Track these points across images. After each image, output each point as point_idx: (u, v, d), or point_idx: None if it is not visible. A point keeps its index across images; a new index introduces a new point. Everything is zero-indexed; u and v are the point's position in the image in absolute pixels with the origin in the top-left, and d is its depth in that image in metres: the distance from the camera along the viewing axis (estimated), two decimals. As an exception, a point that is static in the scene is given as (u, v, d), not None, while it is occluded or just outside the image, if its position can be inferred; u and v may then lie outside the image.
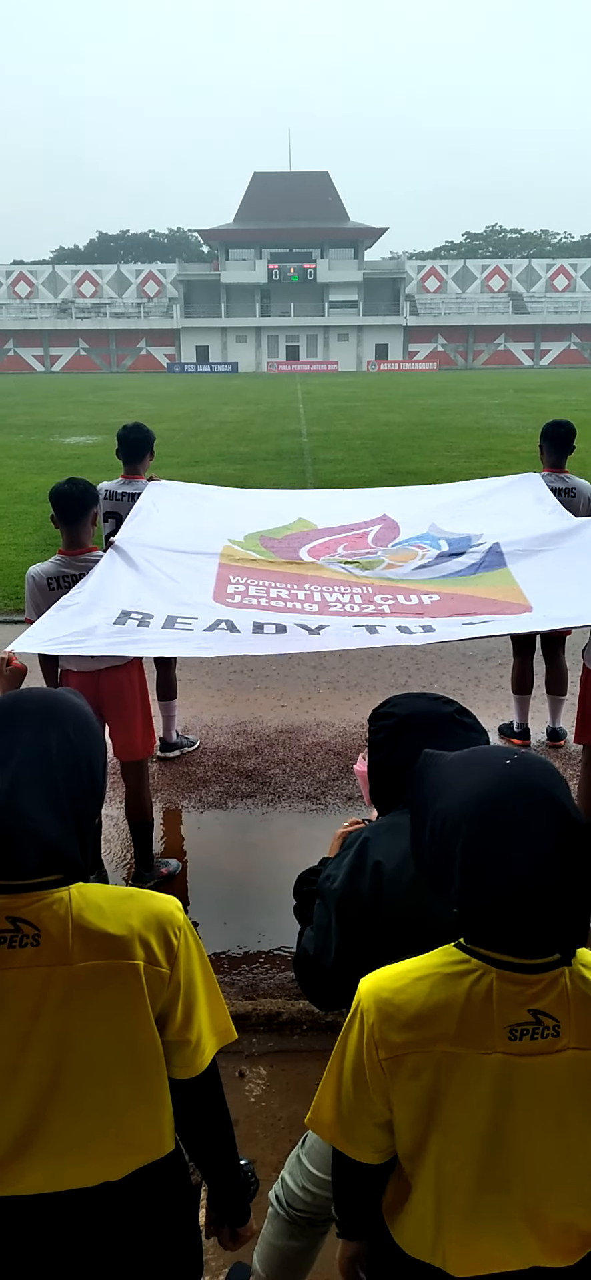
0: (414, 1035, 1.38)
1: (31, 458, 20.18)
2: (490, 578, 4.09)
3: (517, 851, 1.32)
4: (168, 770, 5.59)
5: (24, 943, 1.44)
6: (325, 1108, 1.52)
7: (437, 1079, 1.37)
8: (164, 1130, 1.55)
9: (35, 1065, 1.44)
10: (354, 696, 6.63)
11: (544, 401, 34.18)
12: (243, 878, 4.51)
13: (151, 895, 1.55)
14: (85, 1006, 1.44)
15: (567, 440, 5.58)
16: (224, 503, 5.50)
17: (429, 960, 1.44)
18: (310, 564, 4.34)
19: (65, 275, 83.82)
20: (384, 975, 1.45)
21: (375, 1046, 1.40)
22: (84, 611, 3.41)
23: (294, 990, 3.73)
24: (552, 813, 1.35)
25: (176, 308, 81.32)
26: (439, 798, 1.43)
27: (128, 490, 5.28)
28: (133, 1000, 1.46)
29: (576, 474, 5.68)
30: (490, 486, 5.47)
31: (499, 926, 1.36)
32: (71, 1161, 1.47)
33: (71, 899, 1.47)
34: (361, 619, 3.66)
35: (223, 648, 3.35)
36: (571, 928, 1.36)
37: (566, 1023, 1.36)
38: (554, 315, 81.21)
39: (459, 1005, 1.37)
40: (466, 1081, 1.37)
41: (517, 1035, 1.35)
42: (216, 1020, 1.59)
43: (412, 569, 4.26)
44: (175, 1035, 1.53)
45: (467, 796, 1.38)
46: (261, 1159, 2.88)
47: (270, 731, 6.09)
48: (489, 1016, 1.36)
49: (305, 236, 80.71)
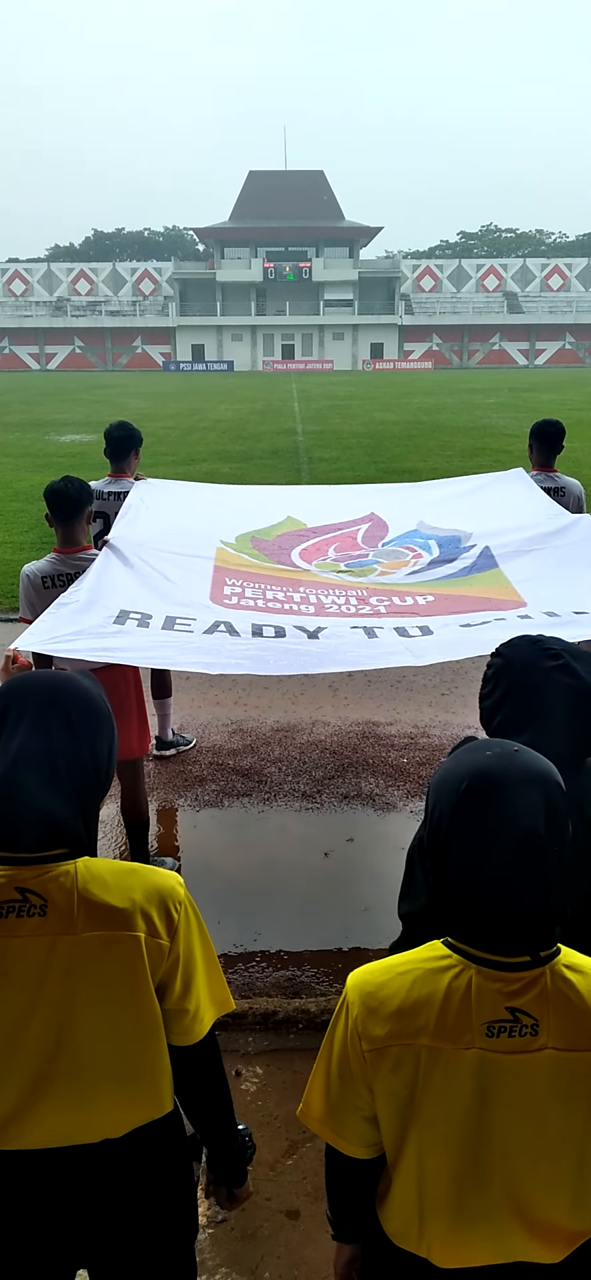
0: (395, 1028, 1.40)
1: (27, 456, 20.14)
2: (482, 578, 4.11)
3: (503, 825, 1.35)
4: (164, 769, 5.58)
5: (31, 912, 1.50)
6: (315, 1101, 1.55)
7: (417, 1073, 1.39)
8: (163, 1090, 1.62)
9: (40, 1028, 1.51)
10: (350, 695, 6.63)
11: (538, 401, 34.22)
12: (238, 876, 4.51)
13: (154, 870, 1.62)
14: (88, 974, 1.51)
15: (557, 439, 5.57)
16: (212, 500, 5.50)
17: (414, 955, 1.46)
18: (303, 570, 4.35)
19: (60, 273, 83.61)
20: (370, 969, 1.48)
21: (359, 1038, 1.43)
22: (83, 610, 3.39)
23: (289, 989, 3.73)
24: (542, 795, 1.37)
25: (172, 306, 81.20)
26: (438, 786, 1.47)
27: (114, 489, 5.28)
28: (134, 970, 1.53)
29: (572, 473, 5.69)
30: (477, 483, 5.49)
31: (480, 913, 1.37)
32: (75, 1117, 1.54)
33: (77, 872, 1.53)
34: (359, 619, 3.65)
35: (223, 664, 3.25)
36: (547, 924, 1.37)
37: (545, 1022, 1.36)
38: (548, 315, 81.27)
39: (438, 1000, 1.39)
40: (446, 1076, 1.38)
41: (495, 1032, 1.36)
42: (215, 991, 1.65)
43: (406, 575, 4.26)
44: (174, 1004, 1.59)
45: (461, 770, 1.43)
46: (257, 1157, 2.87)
47: (266, 730, 6.09)
48: (467, 1012, 1.37)
49: (300, 235, 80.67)
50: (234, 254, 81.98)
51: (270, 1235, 2.68)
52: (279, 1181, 2.86)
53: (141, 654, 3.37)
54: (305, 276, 79.91)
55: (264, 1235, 2.68)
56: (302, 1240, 2.67)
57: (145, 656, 3.44)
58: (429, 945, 1.46)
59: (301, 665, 3.38)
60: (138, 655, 3.39)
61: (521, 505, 4.84)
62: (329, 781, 5.36)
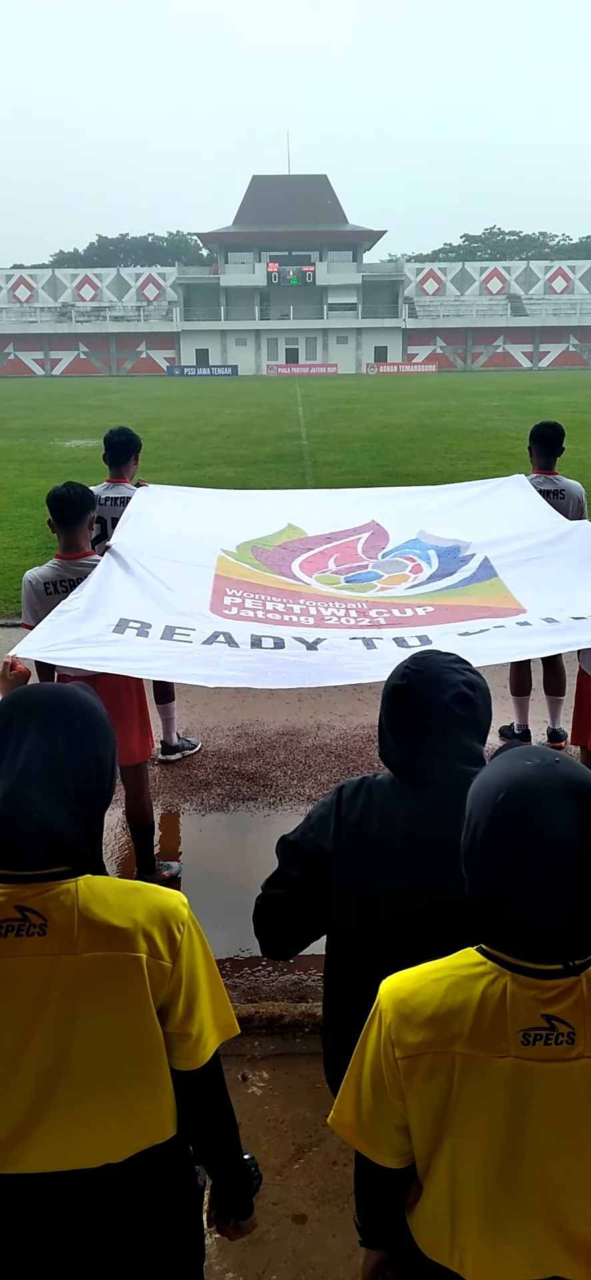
0: (429, 1035, 1.38)
1: (32, 461, 20.18)
2: (481, 587, 4.14)
3: (539, 838, 1.32)
4: (169, 773, 5.58)
5: (31, 931, 1.47)
6: (346, 1109, 1.52)
7: (451, 1080, 1.37)
8: (165, 1114, 1.58)
9: (39, 1050, 1.47)
10: (354, 699, 6.63)
11: (542, 403, 34.18)
12: (244, 880, 4.50)
13: (157, 890, 1.58)
14: (89, 996, 1.48)
15: (556, 441, 5.55)
16: (213, 507, 5.51)
17: (448, 962, 1.44)
18: (304, 584, 4.36)
19: (65, 279, 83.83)
20: (403, 976, 1.46)
21: (392, 1046, 1.41)
22: (82, 618, 3.39)
23: (296, 993, 3.73)
24: (579, 807, 1.33)
25: (176, 311, 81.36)
26: (475, 793, 1.44)
27: (112, 495, 5.27)
28: (135, 991, 1.49)
29: (576, 475, 5.68)
30: (478, 489, 5.49)
31: (513, 923, 1.35)
32: (75, 1142, 1.50)
33: (78, 891, 1.50)
34: (358, 631, 3.66)
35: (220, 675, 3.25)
36: (582, 934, 1.34)
37: (582, 1030, 1.34)
38: (552, 317, 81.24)
39: (473, 1007, 1.37)
40: (480, 1084, 1.35)
41: (530, 1040, 1.34)
42: (219, 1014, 1.61)
43: (406, 589, 4.28)
44: (177, 1027, 1.55)
45: (500, 779, 1.39)
46: (264, 1162, 2.87)
47: (271, 734, 6.09)
48: (502, 1020, 1.35)
49: (304, 239, 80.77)
50: (238, 258, 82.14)
51: (277, 1240, 2.68)
52: (286, 1186, 2.85)
53: (140, 664, 3.37)
54: (309, 280, 79.98)
55: (270, 1240, 2.67)
56: (309, 1245, 2.66)
57: (143, 667, 3.44)
58: (463, 952, 1.43)
59: (300, 679, 3.39)
60: (136, 665, 3.40)
61: (521, 512, 4.85)
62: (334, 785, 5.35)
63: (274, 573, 4.45)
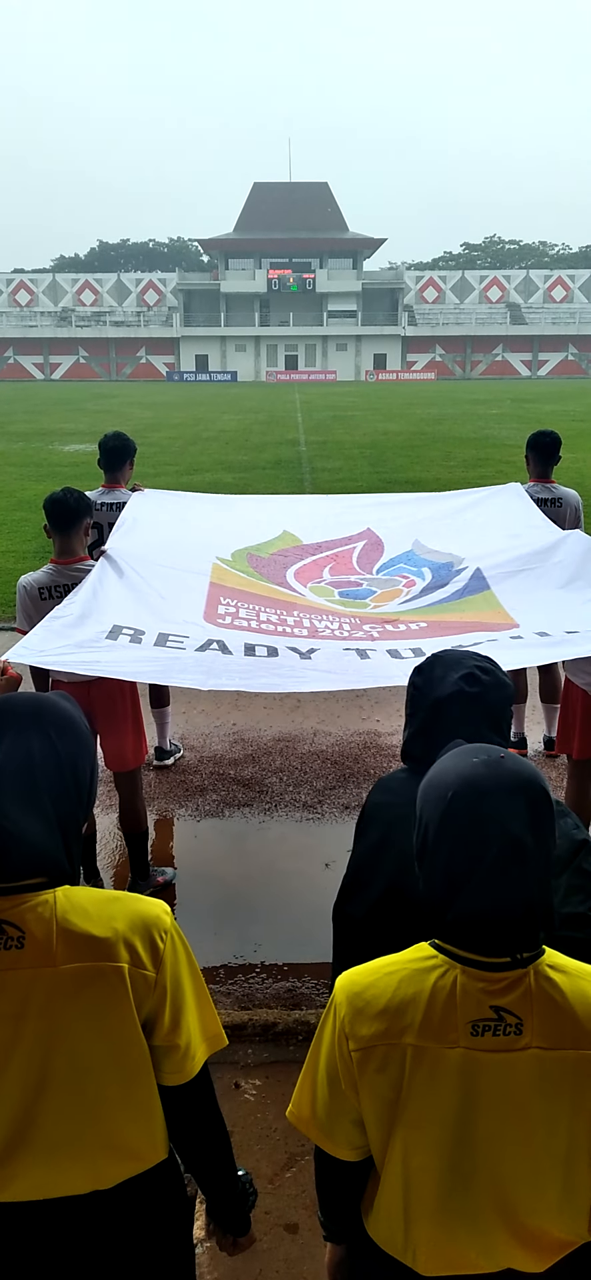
0: (381, 1027, 1.40)
1: (31, 465, 20.19)
2: (474, 601, 4.15)
3: (490, 834, 1.36)
4: (164, 778, 5.57)
5: (8, 945, 1.44)
6: (303, 1103, 1.53)
7: (403, 1072, 1.39)
8: (155, 1136, 1.54)
9: (21, 1068, 1.43)
10: (351, 706, 6.62)
11: (541, 412, 34.26)
12: (239, 887, 4.50)
13: (138, 898, 1.55)
14: (69, 1009, 1.44)
15: (553, 450, 5.55)
16: (208, 514, 5.50)
17: (401, 957, 1.47)
18: (298, 595, 4.37)
19: (65, 284, 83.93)
20: (358, 971, 1.48)
21: (346, 1039, 1.43)
22: (76, 624, 3.39)
23: (289, 1001, 3.72)
24: (527, 802, 1.38)
25: (176, 316, 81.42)
26: (425, 792, 1.48)
27: (107, 500, 5.27)
28: (117, 1003, 1.46)
29: (575, 484, 5.68)
30: (474, 498, 5.49)
31: (465, 918, 1.38)
32: (61, 1167, 1.46)
33: (57, 901, 1.47)
34: (352, 642, 3.68)
35: (213, 681, 3.25)
36: (532, 928, 1.38)
37: (529, 1022, 1.37)
38: (551, 326, 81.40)
39: (424, 999, 1.39)
40: (431, 1075, 1.38)
41: (479, 1031, 1.37)
42: (207, 1025, 1.58)
43: (399, 604, 4.29)
44: (163, 1040, 1.51)
45: (448, 777, 1.43)
46: (256, 1170, 2.87)
47: (267, 740, 6.08)
48: (452, 1011, 1.38)
49: (304, 246, 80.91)
50: (238, 265, 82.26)
51: (269, 1249, 2.67)
52: (278, 1195, 2.84)
53: (133, 667, 3.38)
54: (309, 287, 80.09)
55: (262, 1249, 2.66)
56: (301, 1254, 2.65)
57: (136, 671, 3.45)
58: (416, 947, 1.47)
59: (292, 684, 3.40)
60: (129, 670, 3.40)
61: (515, 522, 4.86)
62: (330, 792, 5.35)
63: (269, 581, 4.45)
